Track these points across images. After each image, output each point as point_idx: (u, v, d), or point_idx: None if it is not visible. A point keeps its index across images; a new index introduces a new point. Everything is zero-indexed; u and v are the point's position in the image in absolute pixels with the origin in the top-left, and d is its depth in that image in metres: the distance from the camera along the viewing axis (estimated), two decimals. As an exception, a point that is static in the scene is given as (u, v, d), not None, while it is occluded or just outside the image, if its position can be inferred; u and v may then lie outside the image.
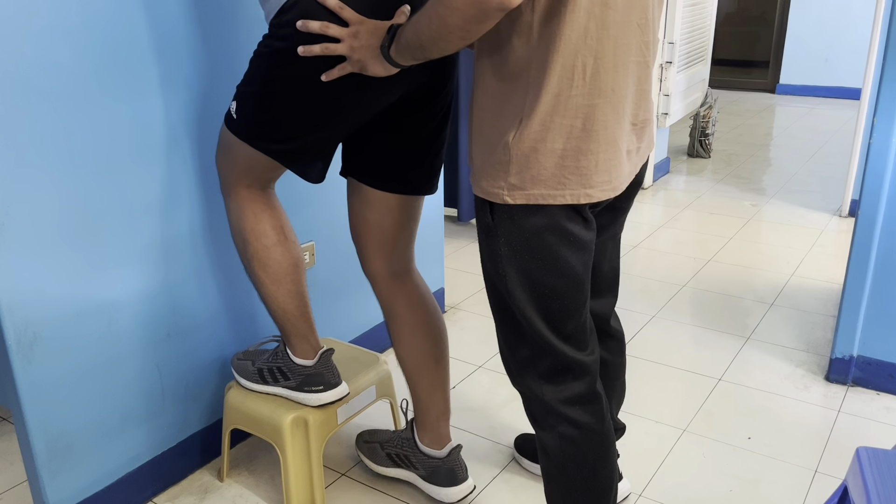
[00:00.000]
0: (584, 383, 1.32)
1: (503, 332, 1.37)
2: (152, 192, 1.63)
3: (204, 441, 1.88)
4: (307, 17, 1.28)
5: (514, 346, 1.34)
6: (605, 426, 1.35)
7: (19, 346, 1.45)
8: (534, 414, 1.37)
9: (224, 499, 1.79)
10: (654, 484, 1.83)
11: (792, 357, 2.40)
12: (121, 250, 1.60)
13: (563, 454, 1.34)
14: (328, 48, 1.27)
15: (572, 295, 1.26)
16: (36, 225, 1.43)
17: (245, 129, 1.44)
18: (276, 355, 1.68)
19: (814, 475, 1.86)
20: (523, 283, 1.25)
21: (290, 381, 1.66)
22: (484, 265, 1.33)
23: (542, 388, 1.32)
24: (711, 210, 3.88)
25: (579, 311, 1.29)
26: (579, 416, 1.32)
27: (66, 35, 1.41)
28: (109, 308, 1.60)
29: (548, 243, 1.21)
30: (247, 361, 1.74)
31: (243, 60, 1.74)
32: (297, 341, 1.63)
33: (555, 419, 1.32)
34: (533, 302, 1.26)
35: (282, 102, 1.38)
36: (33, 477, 1.56)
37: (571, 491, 1.37)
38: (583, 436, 1.32)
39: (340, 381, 1.67)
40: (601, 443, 1.34)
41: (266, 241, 1.54)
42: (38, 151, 1.41)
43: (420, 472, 1.76)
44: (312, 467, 1.70)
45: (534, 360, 1.32)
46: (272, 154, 1.45)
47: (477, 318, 2.69)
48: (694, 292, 2.90)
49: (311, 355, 1.64)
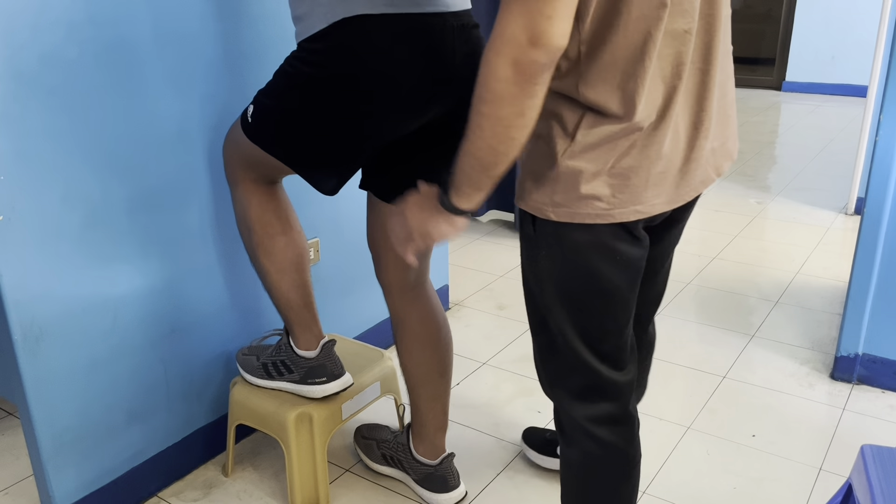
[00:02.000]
0: (617, 405, 1.26)
1: (538, 344, 1.30)
2: (157, 189, 1.63)
3: (208, 437, 1.89)
4: (342, 50, 1.28)
5: (548, 359, 1.28)
6: (632, 448, 1.30)
7: (25, 340, 1.45)
8: (561, 425, 1.31)
9: (228, 494, 1.80)
10: (657, 481, 1.83)
11: (797, 355, 2.39)
12: (126, 246, 1.60)
13: (585, 471, 1.31)
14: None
15: (614, 314, 1.19)
16: (42, 220, 1.44)
17: (259, 135, 1.44)
18: (280, 349, 1.68)
19: (818, 473, 1.85)
20: (562, 298, 1.18)
21: (293, 375, 1.67)
22: (524, 275, 1.26)
23: (571, 405, 1.26)
24: (716, 207, 3.87)
25: (621, 330, 1.21)
26: (606, 436, 1.26)
27: (72, 30, 1.41)
28: (115, 303, 1.60)
29: (591, 261, 1.13)
30: (251, 357, 1.75)
31: (250, 56, 1.75)
32: (300, 331, 1.63)
33: (581, 436, 1.27)
34: (571, 318, 1.18)
35: (299, 124, 1.38)
36: (39, 471, 1.57)
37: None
38: (607, 456, 1.28)
39: (343, 371, 1.67)
40: (626, 464, 1.31)
41: (271, 231, 1.54)
42: (43, 147, 1.42)
43: (412, 476, 1.77)
44: (317, 463, 1.70)
45: (566, 376, 1.25)
46: (283, 160, 1.44)
47: (481, 315, 2.70)
48: (698, 290, 2.89)
49: (314, 346, 1.64)
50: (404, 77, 1.31)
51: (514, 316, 2.69)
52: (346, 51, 1.28)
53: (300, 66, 1.35)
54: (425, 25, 1.31)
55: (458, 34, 1.35)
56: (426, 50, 1.32)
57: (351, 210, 2.12)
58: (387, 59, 1.29)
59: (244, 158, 1.50)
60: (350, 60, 1.29)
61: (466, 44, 1.37)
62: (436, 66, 1.33)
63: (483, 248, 3.33)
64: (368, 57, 1.28)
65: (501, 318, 2.67)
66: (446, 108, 1.40)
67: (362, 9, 1.26)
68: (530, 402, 2.17)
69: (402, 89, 1.32)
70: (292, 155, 1.43)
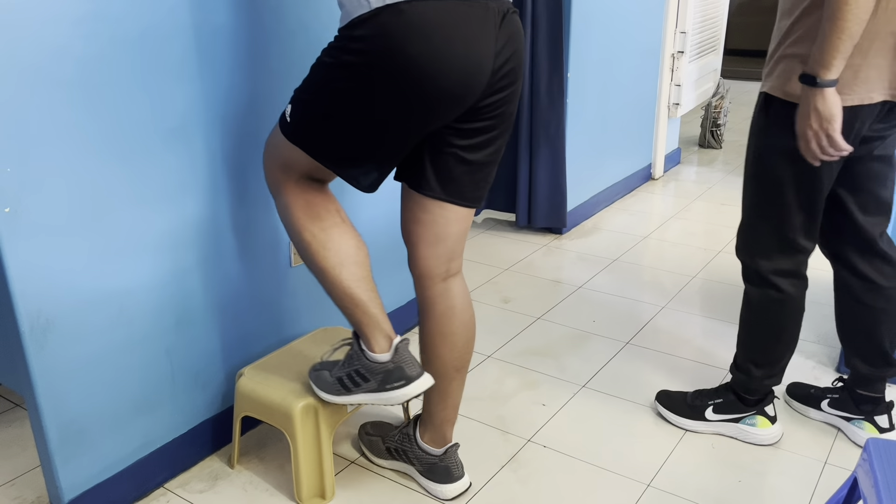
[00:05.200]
0: (795, 262, 1.74)
1: (755, 212, 1.76)
2: (164, 181, 1.64)
3: (214, 428, 1.90)
4: (382, 37, 1.27)
5: (756, 223, 1.76)
6: (801, 298, 1.79)
7: (32, 332, 1.46)
8: (751, 279, 1.81)
9: (234, 486, 1.81)
10: (662, 474, 1.83)
11: (803, 348, 2.39)
12: (132, 238, 1.60)
13: (763, 308, 1.81)
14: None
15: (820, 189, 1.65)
16: (48, 213, 1.44)
17: (299, 134, 1.43)
18: (351, 359, 1.59)
19: (823, 466, 1.85)
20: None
21: (370, 383, 1.55)
22: (757, 149, 1.70)
23: (759, 262, 1.76)
24: (722, 201, 3.86)
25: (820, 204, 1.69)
26: (784, 286, 1.75)
27: (78, 23, 1.41)
28: (121, 295, 1.61)
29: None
30: (323, 372, 1.66)
31: (257, 51, 1.75)
32: (370, 332, 1.54)
33: (762, 282, 1.78)
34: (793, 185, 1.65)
35: (341, 115, 1.37)
36: (46, 462, 1.58)
37: (758, 336, 1.85)
38: (783, 298, 1.77)
39: (421, 371, 1.55)
40: (795, 309, 1.79)
41: (322, 224, 1.50)
42: (50, 140, 1.42)
43: (417, 468, 1.77)
44: (322, 455, 1.71)
45: (765, 238, 1.74)
46: (324, 161, 1.43)
47: (486, 308, 2.70)
48: (704, 283, 2.89)
49: (387, 347, 1.54)
50: (446, 64, 1.30)
51: (519, 309, 2.69)
52: (386, 38, 1.27)
53: (339, 55, 1.34)
54: (467, 12, 1.30)
55: (500, 19, 1.35)
56: (467, 37, 1.31)
57: (362, 197, 2.12)
58: (428, 46, 1.28)
59: (284, 162, 1.48)
60: (390, 47, 1.28)
61: (506, 29, 1.37)
62: (477, 52, 1.33)
63: (487, 242, 3.33)
64: (409, 43, 1.27)
65: (506, 312, 2.67)
66: (485, 94, 1.39)
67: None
68: (535, 395, 2.17)
69: (444, 76, 1.31)
70: (334, 150, 1.41)
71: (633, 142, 3.98)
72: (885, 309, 1.80)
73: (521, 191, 3.30)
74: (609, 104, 3.62)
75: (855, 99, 1.55)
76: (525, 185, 3.29)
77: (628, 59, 3.70)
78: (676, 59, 4.06)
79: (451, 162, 1.49)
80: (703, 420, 1.96)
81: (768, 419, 1.91)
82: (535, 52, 3.04)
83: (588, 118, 3.47)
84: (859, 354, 1.87)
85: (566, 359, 2.36)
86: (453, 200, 1.54)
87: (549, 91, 3.12)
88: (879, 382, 1.88)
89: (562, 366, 2.32)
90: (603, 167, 3.72)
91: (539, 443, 1.95)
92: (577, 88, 3.29)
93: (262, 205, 1.87)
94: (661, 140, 4.18)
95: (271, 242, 1.93)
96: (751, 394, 1.90)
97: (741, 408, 1.92)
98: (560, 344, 2.45)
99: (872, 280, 1.78)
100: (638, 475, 1.83)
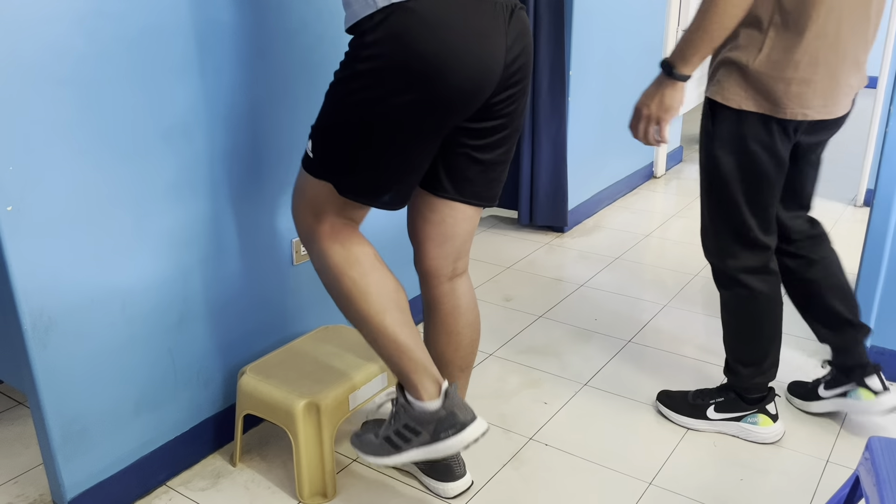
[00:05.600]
0: (761, 258, 1.78)
1: (709, 213, 1.80)
2: (166, 179, 1.64)
3: (216, 426, 1.90)
4: (392, 39, 1.26)
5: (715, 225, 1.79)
6: (773, 293, 1.81)
7: (35, 330, 1.46)
8: (720, 280, 1.85)
9: (236, 484, 1.81)
10: (664, 472, 1.83)
11: (804, 347, 2.39)
12: (135, 236, 1.61)
13: (737, 308, 1.85)
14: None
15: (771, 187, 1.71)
16: (51, 211, 1.44)
17: (324, 165, 1.40)
18: (398, 414, 1.50)
19: (825, 465, 1.85)
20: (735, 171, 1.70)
21: (423, 436, 1.45)
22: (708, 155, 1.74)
23: (727, 262, 1.79)
24: (724, 199, 3.85)
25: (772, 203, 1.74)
26: (753, 283, 1.78)
27: (80, 21, 1.41)
28: (123, 294, 1.61)
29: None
30: (369, 435, 1.58)
31: (259, 49, 1.75)
32: (419, 378, 1.45)
33: (732, 283, 1.81)
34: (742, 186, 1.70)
35: (363, 130, 1.35)
36: (49, 460, 1.58)
37: (738, 336, 1.89)
38: (754, 296, 1.80)
39: (475, 415, 1.44)
40: (769, 305, 1.82)
41: (360, 269, 1.43)
42: (53, 138, 1.42)
43: (421, 467, 1.75)
44: (324, 453, 1.71)
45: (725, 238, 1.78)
46: (352, 190, 1.40)
47: (488, 306, 2.70)
48: (706, 282, 2.89)
49: (436, 393, 1.46)
50: (460, 60, 1.29)
51: (521, 307, 2.69)
52: (398, 38, 1.26)
53: (353, 64, 1.32)
54: (477, 7, 1.29)
55: (508, 15, 1.35)
56: (480, 31, 1.30)
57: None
58: (441, 44, 1.27)
59: (313, 204, 1.45)
60: (403, 47, 1.27)
61: (515, 24, 1.36)
62: (491, 47, 1.32)
63: (488, 240, 3.33)
64: (422, 41, 1.26)
65: (508, 310, 2.68)
66: (497, 91, 1.38)
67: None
68: (536, 393, 2.17)
69: (460, 72, 1.30)
70: (360, 173, 1.38)
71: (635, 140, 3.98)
72: (825, 277, 1.90)
73: (522, 189, 3.30)
74: (611, 102, 3.62)
75: (798, 114, 1.60)
76: (527, 184, 3.29)
77: (630, 57, 3.69)
78: (678, 57, 4.05)
79: (464, 162, 1.48)
80: (705, 419, 1.96)
81: (770, 417, 1.91)
82: (537, 51, 3.04)
83: (590, 116, 3.47)
84: (825, 325, 1.94)
85: (568, 357, 2.36)
86: (467, 200, 1.52)
87: (550, 89, 3.12)
88: (856, 347, 1.93)
89: (563, 364, 2.32)
90: (605, 165, 3.72)
91: (541, 441, 1.95)
92: (578, 87, 3.28)
93: (264, 203, 1.87)
94: (662, 138, 4.17)
95: (273, 241, 1.93)
96: (749, 392, 1.91)
97: (743, 406, 1.92)
98: (562, 342, 2.45)
99: (804, 256, 1.89)
100: (640, 473, 1.83)
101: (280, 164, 1.88)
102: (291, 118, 1.88)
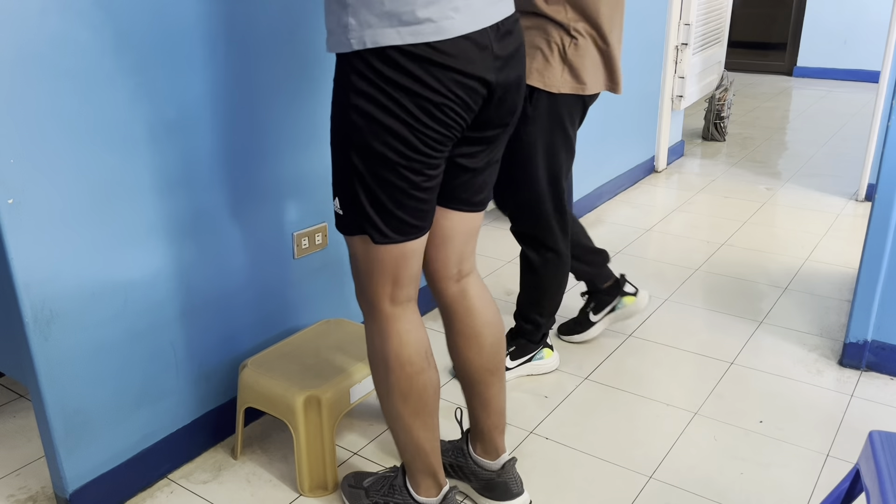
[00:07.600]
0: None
1: (515, 198, 2.03)
2: (168, 172, 1.64)
3: (218, 419, 1.90)
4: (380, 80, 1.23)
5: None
6: (568, 254, 2.10)
7: (36, 323, 1.46)
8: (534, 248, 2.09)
9: (237, 476, 1.81)
10: (664, 466, 1.83)
11: (805, 341, 2.39)
12: (136, 229, 1.61)
13: (546, 269, 2.09)
14: None
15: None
16: (52, 204, 1.44)
17: (354, 215, 1.37)
18: (394, 490, 1.58)
19: (825, 459, 1.85)
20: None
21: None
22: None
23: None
24: (726, 194, 3.85)
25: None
26: (562, 249, 2.08)
27: (81, 13, 1.41)
28: (125, 286, 1.61)
29: None
30: (359, 491, 1.66)
31: (260, 42, 1.74)
32: (422, 478, 1.53)
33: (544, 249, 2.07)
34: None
35: (377, 156, 1.30)
36: (50, 453, 1.58)
37: (548, 293, 2.14)
38: (561, 260, 2.08)
39: None
40: (567, 263, 2.11)
41: (410, 370, 1.44)
42: (54, 130, 1.42)
43: (473, 485, 1.72)
44: (325, 446, 1.71)
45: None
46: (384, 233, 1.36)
47: (489, 301, 2.69)
48: (707, 276, 2.89)
49: (435, 494, 1.54)
50: (445, 101, 1.26)
51: (522, 301, 2.69)
52: (383, 80, 1.24)
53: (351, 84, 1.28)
54: (456, 50, 1.25)
55: (497, 43, 1.30)
56: (460, 74, 1.26)
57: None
58: (423, 88, 1.24)
59: (365, 273, 1.42)
60: (388, 90, 1.24)
61: (507, 48, 1.32)
62: (471, 86, 1.29)
63: (489, 234, 3.33)
64: (406, 85, 1.24)
65: (509, 304, 2.68)
66: (488, 113, 1.36)
67: (389, 40, 1.21)
68: (537, 386, 2.17)
69: (444, 111, 1.27)
70: (387, 206, 1.34)
71: (637, 134, 3.97)
72: (571, 223, 2.19)
73: (524, 183, 3.29)
74: (612, 96, 3.61)
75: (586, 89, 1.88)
76: (528, 178, 3.28)
77: (632, 51, 3.68)
78: (680, 51, 4.05)
79: (453, 170, 1.44)
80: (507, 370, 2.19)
81: (549, 348, 2.25)
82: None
83: (591, 110, 3.46)
84: (580, 261, 2.27)
85: (569, 350, 2.36)
86: (457, 207, 1.50)
87: (552, 83, 3.10)
88: (605, 268, 2.33)
89: (564, 358, 2.32)
90: (606, 159, 3.72)
91: (541, 434, 1.96)
92: (580, 80, 3.27)
93: (266, 197, 1.87)
94: (664, 132, 4.17)
95: (275, 234, 1.93)
96: (542, 336, 2.22)
97: (532, 347, 2.21)
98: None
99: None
100: (640, 467, 1.83)
101: (282, 157, 1.88)
102: (292, 110, 1.87)
